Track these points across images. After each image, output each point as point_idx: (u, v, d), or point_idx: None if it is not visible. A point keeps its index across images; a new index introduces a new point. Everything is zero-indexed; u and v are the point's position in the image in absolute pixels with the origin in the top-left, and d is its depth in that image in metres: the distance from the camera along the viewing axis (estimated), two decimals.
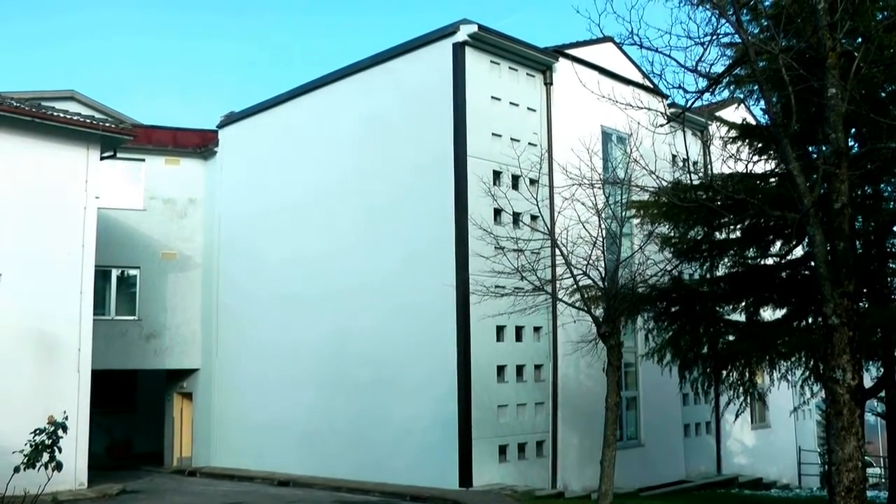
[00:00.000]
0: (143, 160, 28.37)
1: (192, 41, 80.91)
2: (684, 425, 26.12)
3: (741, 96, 18.62)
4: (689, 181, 15.61)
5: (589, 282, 15.34)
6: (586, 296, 15.59)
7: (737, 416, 20.78)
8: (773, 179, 17.11)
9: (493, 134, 21.24)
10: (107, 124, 23.81)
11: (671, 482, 24.10)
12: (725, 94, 17.16)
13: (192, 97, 76.53)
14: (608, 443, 14.73)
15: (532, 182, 18.58)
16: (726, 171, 17.14)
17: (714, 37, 12.23)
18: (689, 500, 19.32)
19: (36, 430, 16.26)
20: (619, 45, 22.37)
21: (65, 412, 16.82)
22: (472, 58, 21.10)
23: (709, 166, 25.71)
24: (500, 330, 20.63)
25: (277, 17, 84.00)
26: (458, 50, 20.93)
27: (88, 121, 23.19)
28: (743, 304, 18.15)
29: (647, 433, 24.26)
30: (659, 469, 23.99)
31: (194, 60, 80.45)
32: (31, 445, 16.18)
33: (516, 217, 19.96)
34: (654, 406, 24.43)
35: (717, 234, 18.02)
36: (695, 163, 25.71)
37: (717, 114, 23.17)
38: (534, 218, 18.84)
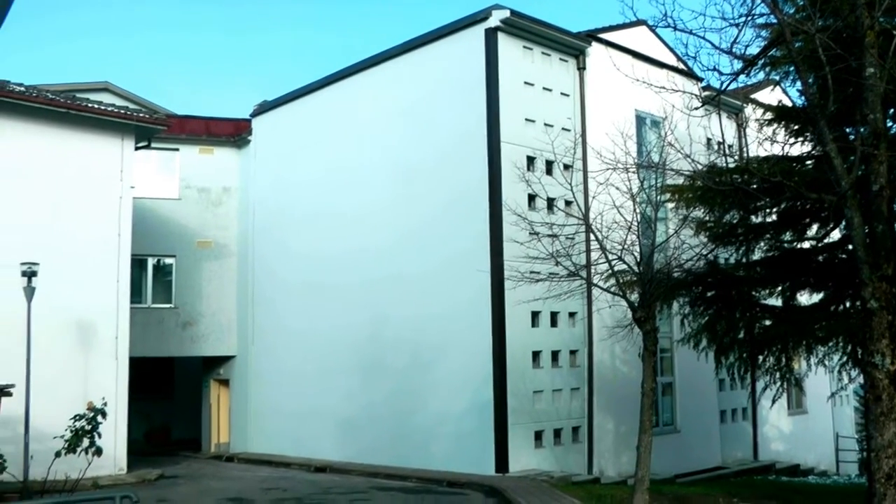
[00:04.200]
0: (178, 150, 28.60)
1: (223, 31, 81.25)
2: (720, 411, 25.96)
3: (777, 78, 18.36)
4: (724, 164, 15.47)
5: (624, 267, 15.22)
6: (621, 281, 15.47)
7: (773, 402, 20.62)
8: (809, 162, 16.90)
9: (527, 119, 21.18)
10: (141, 115, 24.01)
11: (707, 468, 23.98)
12: (761, 75, 16.95)
13: (226, 87, 76.91)
14: (644, 429, 14.64)
15: (566, 167, 18.45)
16: (762, 153, 16.95)
17: (749, 17, 12.08)
18: (726, 487, 19.15)
19: (76, 416, 16.52)
20: (652, 28, 22.12)
21: (103, 398, 17.08)
22: (505, 43, 21.03)
23: (744, 149, 25.44)
24: (535, 315, 20.61)
25: (309, 5, 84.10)
26: (491, 35, 20.86)
27: (123, 112, 23.40)
28: (779, 288, 17.95)
29: (683, 419, 24.14)
30: (695, 455, 23.88)
31: (227, 50, 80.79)
32: (71, 431, 16.43)
33: (550, 202, 19.90)
34: (689, 392, 24.29)
35: (753, 217, 17.82)
36: (730, 146, 25.45)
37: (753, 96, 22.92)
38: (568, 203, 18.76)
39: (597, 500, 16.16)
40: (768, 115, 17.92)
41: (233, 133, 29.46)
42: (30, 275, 18.76)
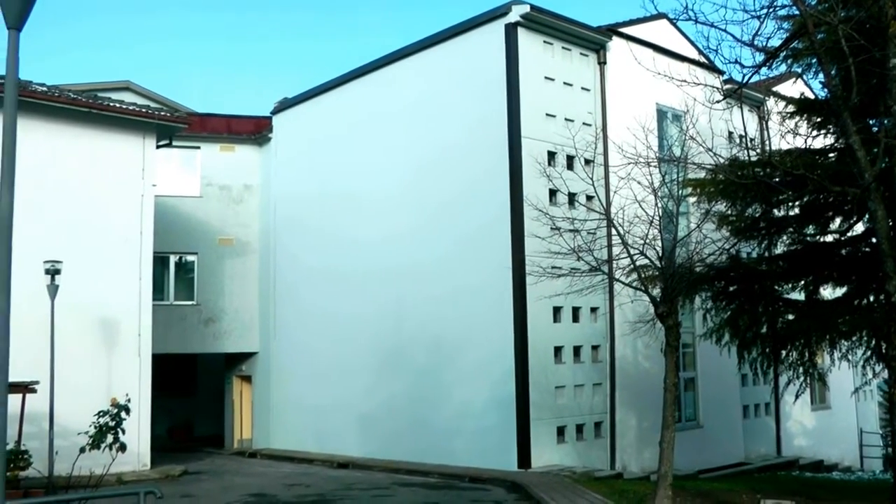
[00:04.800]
0: (199, 148, 28.74)
1: (243, 28, 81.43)
2: (743, 406, 25.84)
3: (799, 70, 18.20)
4: (746, 158, 15.36)
5: (646, 261, 15.16)
6: (643, 276, 15.42)
7: (797, 398, 20.44)
8: (832, 154, 16.75)
9: (547, 114, 21.15)
10: (162, 113, 24.16)
11: (730, 464, 23.86)
12: (783, 68, 16.80)
13: (246, 84, 77.11)
14: (667, 424, 14.59)
15: (587, 162, 18.41)
16: (784, 146, 16.80)
17: (771, 9, 12.01)
18: (750, 483, 19.03)
19: (100, 413, 16.61)
20: (673, 22, 22.07)
21: (127, 394, 17.18)
22: (525, 38, 21.00)
23: (766, 142, 25.28)
24: (556, 311, 20.59)
25: (326, 3, 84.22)
26: (511, 31, 20.84)
27: (144, 110, 23.55)
28: (802, 282, 17.81)
29: (706, 414, 24.04)
30: (718, 451, 23.76)
31: (248, 47, 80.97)
32: (95, 427, 16.53)
33: (572, 197, 19.85)
34: (712, 387, 24.18)
35: (776, 211, 17.69)
36: (752, 139, 25.29)
37: (775, 88, 22.79)
38: (589, 198, 18.70)
39: (619, 496, 16.11)
40: (790, 108, 17.79)
41: (253, 131, 29.57)
42: (53, 273, 18.93)
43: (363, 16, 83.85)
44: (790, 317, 17.42)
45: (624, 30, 22.72)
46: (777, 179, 14.81)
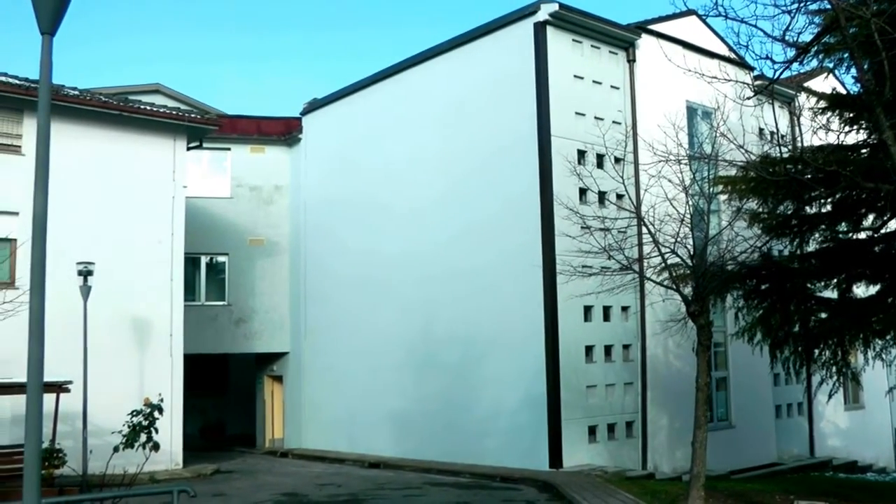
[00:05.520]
0: (229, 149, 28.90)
1: (273, 29, 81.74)
2: (775, 406, 25.62)
3: (831, 65, 18.02)
4: (777, 154, 15.23)
5: (677, 260, 15.08)
6: (674, 274, 15.34)
7: (830, 397, 20.23)
8: (865, 150, 16.56)
9: (577, 113, 21.10)
10: (192, 115, 24.36)
11: (763, 465, 23.66)
12: (814, 63, 16.63)
13: (276, 86, 77.43)
14: (699, 424, 14.49)
15: (617, 160, 18.35)
16: (816, 142, 16.63)
17: (802, 4, 11.86)
18: (783, 484, 18.86)
19: (133, 412, 16.76)
20: (702, 18, 21.89)
21: (160, 394, 17.32)
22: (554, 37, 20.97)
23: (798, 138, 25.04)
24: (587, 310, 20.53)
25: (353, 3, 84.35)
26: (540, 29, 20.81)
27: (174, 113, 23.75)
28: (835, 280, 17.60)
29: (738, 414, 23.86)
30: (750, 451, 23.57)
31: (276, 49, 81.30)
32: (129, 426, 16.68)
33: (602, 196, 19.81)
34: (744, 387, 24.00)
35: (808, 208, 17.50)
36: (783, 135, 25.06)
37: (806, 84, 22.54)
38: (620, 196, 18.63)
39: (651, 496, 16.04)
40: (822, 104, 17.58)
41: (283, 132, 29.70)
42: (85, 274, 19.13)
43: (390, 15, 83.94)
44: (823, 315, 17.25)
45: (653, 27, 22.63)
46: (809, 176, 14.66)
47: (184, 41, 79.03)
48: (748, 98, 14.28)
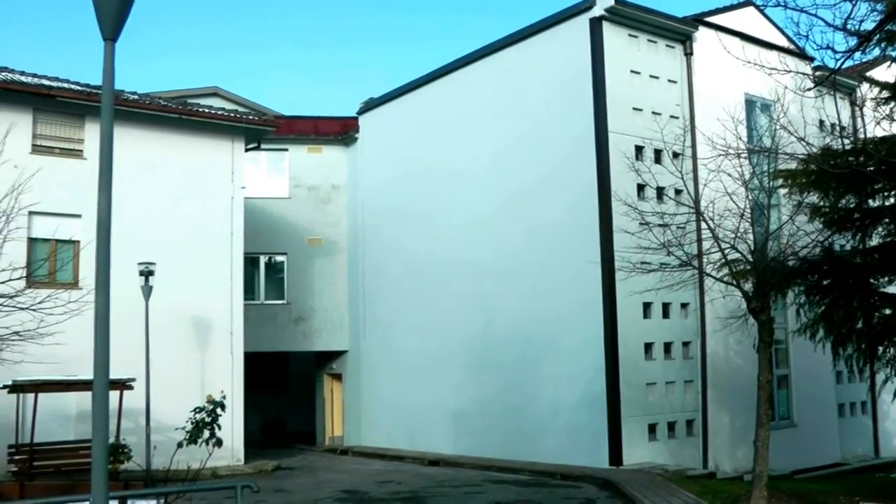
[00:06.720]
0: (287, 150, 29.19)
1: (327, 26, 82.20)
2: (838, 405, 25.14)
3: (894, 53, 17.66)
4: (839, 146, 14.96)
5: (737, 255, 14.91)
6: (735, 270, 15.16)
7: (895, 396, 19.88)
8: None
9: (634, 108, 20.94)
10: (250, 117, 24.69)
11: (826, 465, 23.23)
12: (876, 51, 16.25)
13: (332, 86, 77.97)
14: (761, 423, 14.30)
15: (675, 155, 18.17)
16: (879, 133, 16.31)
17: None
18: (847, 485, 18.48)
19: (196, 409, 17.03)
20: (760, 9, 21.67)
21: (222, 391, 17.58)
22: (610, 32, 20.83)
23: (860, 130, 24.56)
24: (646, 306, 20.37)
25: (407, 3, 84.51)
26: (596, 25, 20.70)
27: (233, 115, 24.08)
28: None
29: (800, 413, 23.47)
30: (813, 451, 23.15)
31: (332, 49, 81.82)
32: (192, 423, 16.94)
33: (660, 191, 19.65)
34: (806, 385, 23.60)
35: (871, 201, 17.18)
36: (844, 127, 24.61)
37: (868, 73, 22.10)
38: (678, 192, 18.43)
39: (713, 496, 15.85)
40: (885, 94, 17.20)
41: (340, 131, 29.91)
42: (147, 274, 19.47)
43: (445, 17, 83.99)
44: (887, 311, 16.92)
45: (710, 19, 22.35)
46: (871, 168, 14.38)
47: (239, 44, 79.93)
48: (808, 89, 14.10)
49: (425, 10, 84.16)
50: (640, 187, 19.91)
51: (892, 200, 17.04)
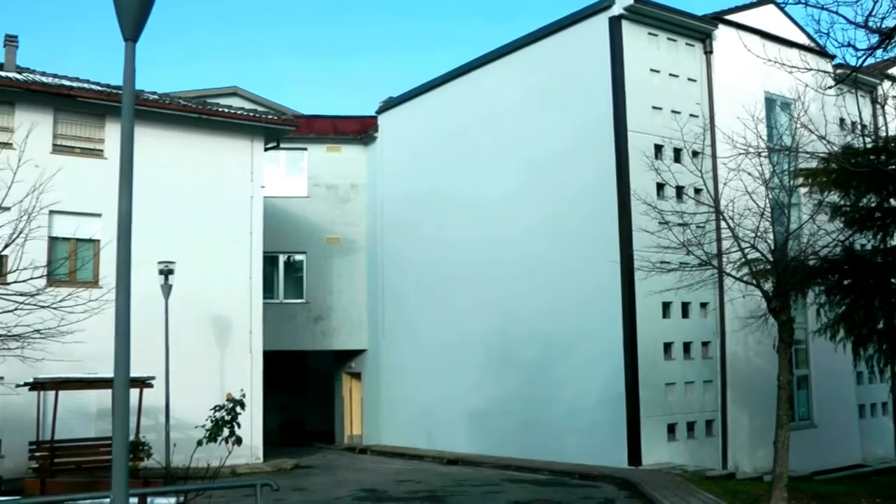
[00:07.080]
0: (306, 149, 29.27)
1: (346, 27, 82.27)
2: (859, 406, 24.95)
3: None
4: (860, 145, 14.85)
5: (757, 255, 14.82)
6: (755, 269, 15.08)
7: None
8: None
9: (654, 107, 20.88)
10: (269, 117, 24.76)
11: (846, 466, 23.05)
12: None
13: (351, 85, 78.06)
14: (781, 423, 14.22)
15: (695, 154, 18.10)
16: None
17: None
18: (868, 487, 18.31)
19: (216, 407, 17.10)
20: (780, 6, 21.47)
21: (242, 390, 17.64)
22: (629, 31, 20.77)
23: (882, 128, 24.40)
24: (665, 306, 20.29)
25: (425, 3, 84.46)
26: (615, 24, 20.64)
27: (252, 114, 24.16)
28: None
29: (820, 414, 23.33)
30: (833, 452, 23.00)
31: (351, 48, 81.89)
32: (212, 421, 17.00)
33: (680, 190, 19.57)
34: (826, 385, 23.45)
35: (892, 200, 17.06)
36: (866, 125, 24.45)
37: (890, 71, 21.96)
38: (698, 191, 18.36)
39: (732, 497, 15.77)
40: None
41: (359, 130, 29.95)
42: (166, 273, 19.56)
43: (462, 25, 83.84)
44: None
45: (730, 17, 22.26)
46: (893, 167, 14.28)
47: (259, 42, 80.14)
48: (829, 87, 13.94)
49: (443, 16, 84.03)
50: (660, 186, 19.83)
51: None
